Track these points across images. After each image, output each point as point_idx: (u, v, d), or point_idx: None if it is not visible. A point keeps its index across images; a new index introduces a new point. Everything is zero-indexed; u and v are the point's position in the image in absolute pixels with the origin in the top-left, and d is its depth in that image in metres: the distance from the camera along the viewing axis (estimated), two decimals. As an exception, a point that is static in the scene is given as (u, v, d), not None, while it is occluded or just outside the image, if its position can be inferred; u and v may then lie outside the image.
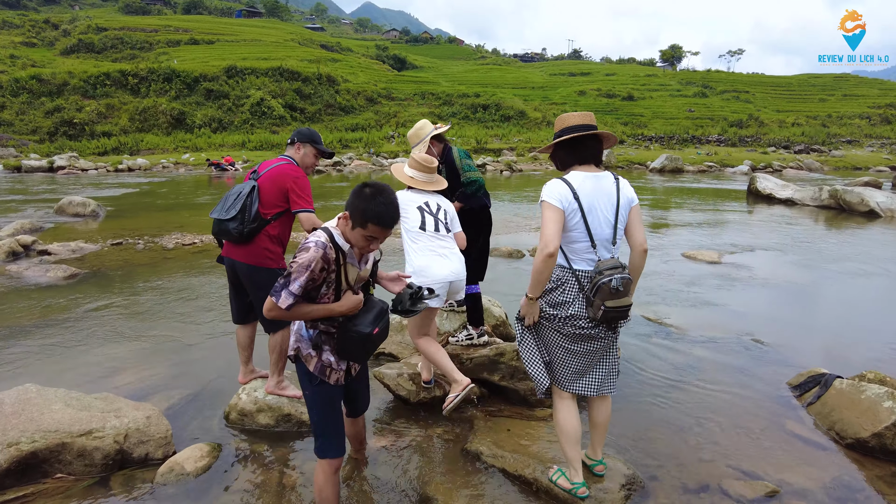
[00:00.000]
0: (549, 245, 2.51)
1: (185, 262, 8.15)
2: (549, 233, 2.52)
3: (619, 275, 2.52)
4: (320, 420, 2.53)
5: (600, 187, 2.62)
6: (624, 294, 2.54)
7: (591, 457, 3.06)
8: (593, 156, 2.69)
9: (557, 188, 2.59)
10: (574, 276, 2.63)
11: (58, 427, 3.11)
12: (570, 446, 2.79)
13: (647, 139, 48.64)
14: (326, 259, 2.27)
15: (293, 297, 2.22)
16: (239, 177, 26.02)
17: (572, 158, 2.70)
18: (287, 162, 3.61)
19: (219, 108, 49.85)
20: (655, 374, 4.57)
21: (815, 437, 3.61)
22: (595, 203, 2.59)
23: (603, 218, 2.61)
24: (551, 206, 2.56)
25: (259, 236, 3.50)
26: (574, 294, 2.63)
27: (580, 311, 2.63)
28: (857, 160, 36.19)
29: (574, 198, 2.56)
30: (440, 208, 3.62)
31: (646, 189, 21.08)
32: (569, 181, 2.60)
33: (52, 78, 47.00)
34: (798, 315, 6.06)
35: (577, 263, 2.64)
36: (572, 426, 2.79)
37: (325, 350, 2.47)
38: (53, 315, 5.76)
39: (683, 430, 3.72)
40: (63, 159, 28.91)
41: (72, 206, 12.54)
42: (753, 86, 77.65)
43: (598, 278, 2.52)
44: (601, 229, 2.61)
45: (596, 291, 2.52)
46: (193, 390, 4.17)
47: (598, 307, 2.53)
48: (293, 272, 2.21)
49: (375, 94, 58.78)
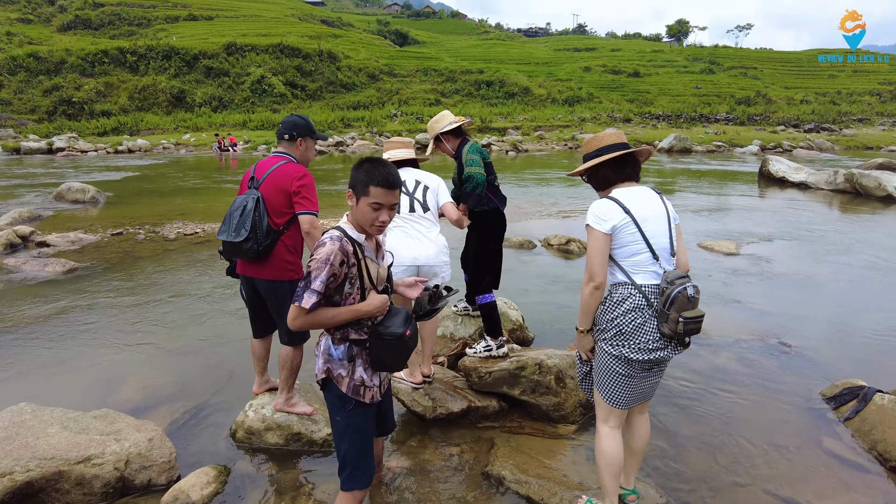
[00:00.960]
0: (595, 277, 2.43)
1: (187, 255, 7.94)
2: (595, 263, 2.43)
3: (690, 283, 2.41)
4: (351, 449, 2.37)
5: (649, 199, 2.52)
6: (698, 303, 2.42)
7: (623, 486, 2.84)
8: (635, 172, 2.61)
9: (604, 207, 2.45)
10: (639, 291, 2.44)
11: (54, 454, 2.92)
12: (611, 478, 2.60)
13: (654, 117, 47.90)
14: (344, 251, 2.18)
15: (316, 296, 2.12)
16: (241, 159, 25.70)
17: (617, 176, 2.58)
18: (287, 161, 3.33)
19: (219, 87, 49.22)
20: (680, 381, 4.36)
21: (855, 458, 3.41)
22: (648, 214, 2.47)
23: (659, 228, 2.49)
24: (597, 232, 2.44)
25: (276, 249, 3.26)
26: (645, 315, 2.43)
27: (652, 334, 2.43)
28: (868, 139, 35.57)
29: (625, 212, 2.43)
30: (419, 185, 3.60)
31: (655, 172, 20.72)
32: (615, 198, 2.48)
33: (49, 56, 46.33)
34: (826, 315, 5.82)
35: (640, 277, 2.46)
36: (617, 456, 2.60)
37: (358, 365, 2.33)
38: (50, 317, 5.56)
39: (714, 448, 3.52)
40: (62, 140, 28.56)
41: (71, 193, 12.30)
42: (761, 62, 76.33)
43: (670, 289, 2.37)
44: (659, 239, 2.48)
45: (671, 303, 2.36)
46: (198, 403, 3.98)
47: (675, 320, 2.36)
48: (312, 270, 2.13)
49: (377, 71, 57.94)
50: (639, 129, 39.86)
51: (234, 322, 5.37)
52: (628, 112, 49.74)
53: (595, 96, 58.63)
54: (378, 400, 2.42)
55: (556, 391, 3.72)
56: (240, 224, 3.16)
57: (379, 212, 2.20)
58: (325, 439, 3.43)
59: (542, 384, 3.70)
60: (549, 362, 3.75)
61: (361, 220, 2.24)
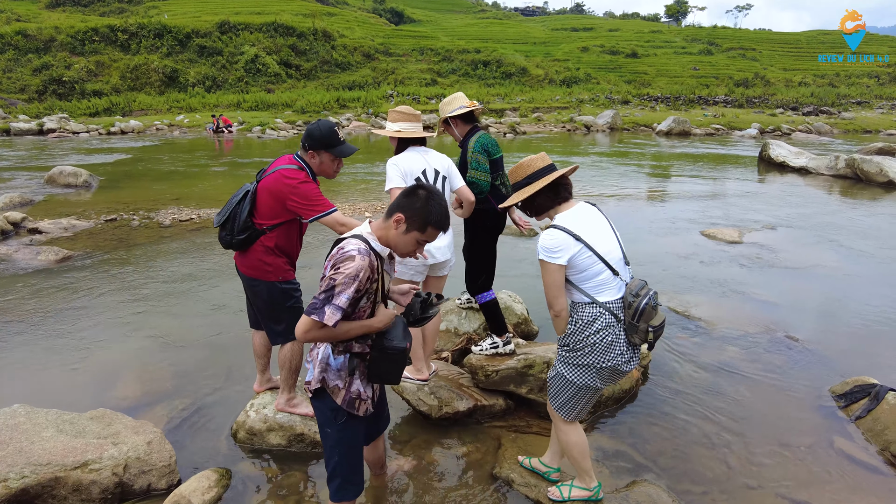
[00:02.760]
0: (555, 306, 2.54)
1: (182, 242, 7.79)
2: (553, 295, 2.52)
3: (651, 292, 2.50)
4: (341, 461, 2.33)
5: (591, 218, 2.57)
6: (658, 308, 2.54)
7: (549, 464, 3.05)
8: (568, 191, 2.63)
9: (556, 241, 2.47)
10: (606, 309, 2.49)
11: (50, 459, 2.82)
12: (586, 459, 2.80)
13: (652, 99, 47.48)
14: (372, 267, 2.11)
15: (340, 313, 2.02)
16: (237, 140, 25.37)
17: (554, 201, 2.60)
18: (290, 163, 3.07)
19: (212, 66, 48.40)
20: (687, 377, 4.30)
21: (868, 459, 3.35)
22: (596, 233, 2.52)
23: (609, 244, 2.54)
24: (552, 266, 2.48)
25: (254, 247, 3.12)
26: (615, 331, 2.50)
27: (622, 349, 2.53)
28: (867, 123, 35.36)
29: (576, 239, 2.46)
30: (437, 175, 3.46)
31: (654, 155, 20.56)
32: (562, 227, 2.49)
33: (38, 33, 45.37)
34: (832, 307, 5.75)
35: (603, 296, 2.50)
36: (585, 441, 2.82)
37: (356, 377, 2.27)
38: (43, 309, 5.43)
39: (724, 448, 3.47)
40: (53, 121, 28.05)
41: (63, 177, 12.06)
42: (760, 43, 75.59)
43: (637, 301, 2.45)
44: (612, 254, 2.53)
45: (640, 316, 2.44)
46: (197, 401, 3.88)
47: (644, 331, 2.48)
48: (338, 284, 2.02)
49: (373, 50, 57.10)
50: (637, 112, 39.54)
51: (234, 314, 5.26)
52: (626, 94, 49.27)
53: (593, 77, 58.05)
54: (371, 412, 2.38)
55: (564, 389, 3.64)
56: (223, 212, 3.14)
57: (420, 247, 2.22)
58: (329, 440, 3.35)
59: (550, 383, 3.62)
60: (557, 360, 3.67)
61: (399, 245, 2.19)
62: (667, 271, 6.74)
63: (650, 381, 4.22)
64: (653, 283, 2.39)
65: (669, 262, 7.13)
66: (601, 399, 3.76)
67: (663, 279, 6.44)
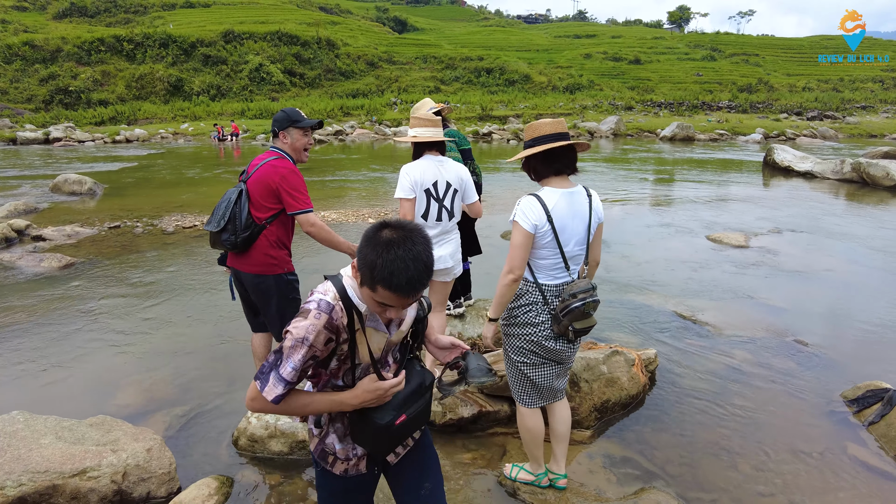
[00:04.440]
0: (514, 270, 2.50)
1: (185, 249, 7.78)
2: (516, 257, 2.49)
3: (591, 298, 2.50)
4: None
5: (574, 206, 2.55)
6: (591, 315, 2.56)
7: (555, 471, 2.99)
8: (568, 165, 2.60)
9: (531, 209, 2.49)
10: (538, 288, 2.58)
11: (48, 467, 2.78)
12: (538, 448, 2.87)
13: (655, 105, 47.53)
14: (332, 326, 1.57)
15: (284, 386, 1.55)
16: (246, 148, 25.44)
17: (549, 170, 2.58)
18: (278, 157, 3.28)
19: (217, 75, 48.76)
20: (695, 383, 4.23)
21: (883, 466, 3.27)
22: (568, 223, 2.52)
23: (575, 237, 2.56)
24: (523, 230, 2.48)
25: (258, 243, 3.22)
26: (538, 310, 2.59)
27: (545, 329, 2.60)
28: (872, 127, 35.27)
29: (548, 219, 2.47)
30: (449, 188, 3.44)
31: (658, 160, 20.51)
32: (543, 201, 2.49)
33: (45, 44, 45.82)
34: (841, 311, 5.68)
35: (543, 278, 2.59)
36: (540, 430, 2.86)
37: (330, 432, 1.79)
38: (45, 315, 5.41)
39: (734, 454, 3.39)
40: (59, 130, 28.27)
41: (67, 185, 12.11)
42: (763, 48, 75.66)
43: (570, 301, 2.48)
44: (573, 248, 2.56)
45: (567, 313, 2.49)
46: (198, 407, 3.84)
47: (565, 327, 2.52)
48: (284, 349, 1.55)
49: (376, 58, 57.41)
50: (640, 118, 39.54)
51: (235, 321, 5.22)
52: (630, 100, 49.33)
53: (596, 84, 58.16)
54: (362, 473, 1.84)
55: (570, 395, 3.59)
56: (221, 216, 3.16)
57: (387, 310, 1.57)
58: (331, 447, 3.30)
59: (556, 388, 3.56)
60: (563, 365, 3.61)
61: (364, 301, 1.60)
62: (673, 276, 6.68)
63: (657, 387, 4.16)
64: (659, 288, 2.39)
65: (676, 266, 7.07)
66: (608, 405, 3.70)
67: (670, 284, 6.38)
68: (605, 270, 6.89)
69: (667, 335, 5.03)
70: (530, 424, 2.83)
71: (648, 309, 5.63)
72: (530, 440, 2.86)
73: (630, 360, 3.95)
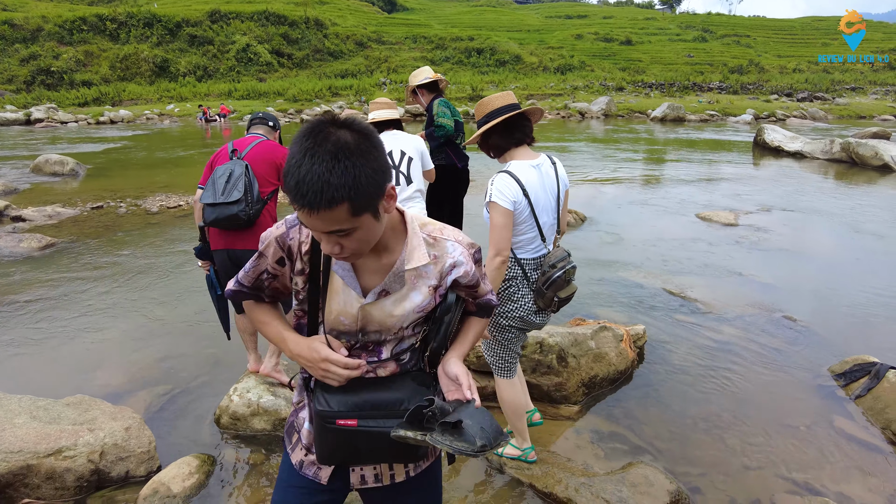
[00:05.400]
0: (501, 252, 2.46)
1: (169, 229, 7.64)
2: (501, 238, 2.45)
3: (569, 265, 2.56)
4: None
5: (543, 177, 2.56)
6: (572, 281, 2.61)
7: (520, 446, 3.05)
8: (527, 134, 2.59)
9: (508, 187, 2.45)
10: (519, 265, 2.59)
11: (21, 447, 2.70)
12: (519, 419, 2.87)
13: (646, 86, 47.34)
14: (284, 244, 1.35)
15: (235, 284, 1.46)
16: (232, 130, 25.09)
17: (508, 142, 2.56)
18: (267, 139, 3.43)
19: (203, 55, 47.92)
20: (684, 359, 4.21)
21: (869, 438, 3.27)
22: (541, 195, 2.54)
23: (548, 208, 2.58)
24: (502, 209, 2.44)
25: (262, 218, 3.24)
26: (520, 285, 2.59)
27: (528, 304, 2.61)
28: (861, 108, 35.35)
29: (524, 194, 2.46)
30: (404, 156, 3.72)
31: (648, 140, 20.45)
32: (516, 176, 2.46)
33: (25, 23, 44.74)
34: (830, 288, 5.67)
35: (522, 253, 2.59)
36: (520, 401, 2.86)
37: (306, 406, 1.49)
38: (24, 296, 5.29)
39: (722, 429, 3.38)
40: (41, 111, 27.73)
41: (49, 165, 11.86)
42: (755, 29, 75.35)
43: (551, 272, 2.52)
44: (547, 219, 2.58)
45: (550, 284, 2.52)
46: (180, 386, 3.77)
47: (550, 298, 2.54)
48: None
49: (365, 38, 56.63)
50: (631, 98, 39.39)
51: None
52: (621, 80, 49.09)
53: (587, 64, 57.78)
54: (318, 481, 1.45)
55: (558, 371, 3.55)
56: (231, 187, 3.07)
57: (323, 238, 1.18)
58: (315, 425, 3.24)
59: (543, 364, 3.53)
60: (551, 341, 3.57)
61: None
62: (663, 254, 6.65)
63: (646, 363, 4.13)
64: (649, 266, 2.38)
65: (665, 244, 7.04)
66: (596, 380, 3.67)
67: (659, 261, 6.35)
68: (594, 248, 6.85)
69: (656, 312, 5.01)
70: (510, 396, 2.82)
71: (638, 286, 5.59)
72: (512, 413, 2.85)
73: (618, 335, 3.92)
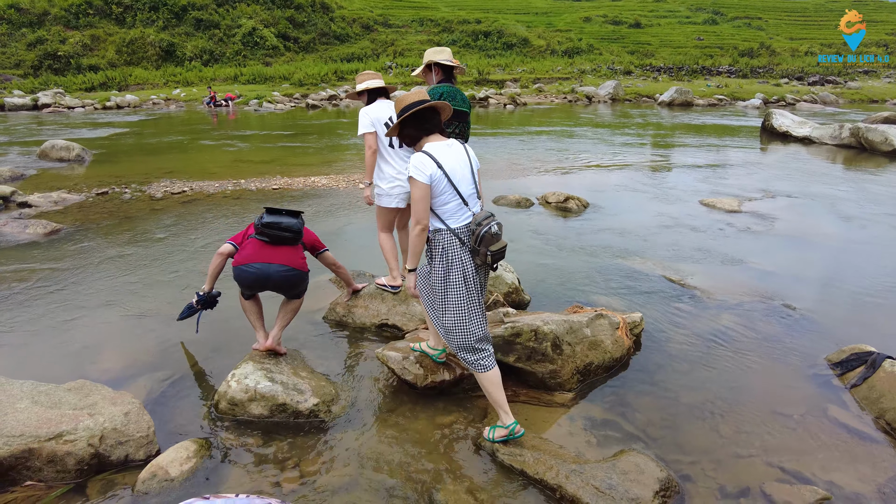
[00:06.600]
0: (421, 221, 2.90)
1: (173, 215, 7.69)
2: (420, 210, 2.88)
3: (494, 222, 2.91)
4: None
5: (456, 154, 2.97)
6: (500, 237, 2.95)
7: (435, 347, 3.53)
8: (436, 125, 3.00)
9: (423, 163, 2.86)
10: (453, 234, 2.94)
11: (23, 431, 2.77)
12: (500, 392, 3.03)
13: (654, 70, 46.74)
14: None
15: None
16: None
17: (420, 132, 2.98)
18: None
19: (209, 39, 47.66)
20: (681, 346, 4.22)
21: (863, 427, 3.28)
22: (456, 168, 2.93)
23: (465, 179, 2.97)
24: (420, 183, 2.84)
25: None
26: (458, 250, 2.94)
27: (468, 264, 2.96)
28: (874, 92, 34.79)
29: (438, 167, 2.86)
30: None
31: (655, 125, 20.27)
32: (431, 154, 2.88)
33: (31, 7, 44.57)
34: (831, 276, 5.64)
35: (453, 221, 2.95)
36: (499, 377, 3.04)
37: None
38: (28, 280, 5.35)
39: (716, 417, 3.40)
40: (48, 96, 27.73)
41: (55, 151, 11.91)
42: (766, 11, 74.00)
43: (479, 229, 2.88)
44: (465, 186, 2.96)
45: (480, 241, 2.88)
46: (180, 372, 3.83)
47: (484, 254, 2.89)
48: None
49: (372, 21, 56.12)
50: (639, 82, 38.92)
51: (222, 288, 5.17)
52: (629, 64, 48.49)
53: (595, 48, 57.05)
54: None
55: (553, 358, 3.57)
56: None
57: None
58: (311, 410, 3.29)
59: (538, 351, 3.55)
60: (546, 329, 3.59)
61: None
62: (664, 240, 6.63)
63: (643, 350, 4.15)
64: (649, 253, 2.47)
65: (667, 231, 7.01)
66: (590, 368, 3.69)
67: (660, 248, 6.33)
68: (596, 235, 6.84)
69: (655, 299, 5.01)
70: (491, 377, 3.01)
71: (638, 273, 5.59)
72: (494, 390, 3.01)
73: (614, 323, 3.93)
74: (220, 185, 9.37)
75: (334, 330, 4.45)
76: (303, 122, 21.19)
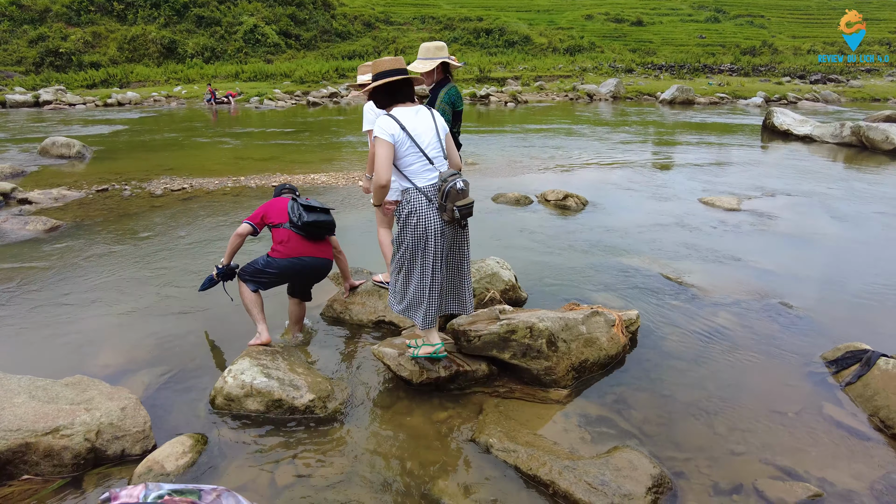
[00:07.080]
0: (381, 178, 3.03)
1: (172, 212, 7.70)
2: (382, 167, 3.01)
3: (460, 179, 3.04)
4: None
5: (420, 118, 3.13)
6: (467, 194, 3.06)
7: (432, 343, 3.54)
8: (407, 95, 3.15)
9: (387, 123, 3.01)
10: (421, 192, 3.10)
11: (20, 425, 2.78)
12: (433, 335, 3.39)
13: (656, 68, 46.66)
14: None
15: None
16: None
17: (390, 100, 3.13)
18: None
19: (211, 37, 47.64)
20: (677, 345, 4.22)
21: (856, 425, 3.29)
22: (420, 129, 3.09)
23: (432, 142, 3.12)
24: (383, 141, 2.98)
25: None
26: (426, 208, 3.09)
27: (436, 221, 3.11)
28: (876, 91, 34.72)
29: (402, 128, 3.02)
30: None
31: (656, 123, 20.24)
32: (395, 116, 3.05)
33: (33, 4, 44.58)
34: (829, 275, 5.64)
35: (420, 180, 3.12)
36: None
37: None
38: (27, 277, 5.38)
39: (710, 414, 3.40)
40: (49, 93, 27.78)
41: (56, 148, 11.93)
42: (769, 9, 73.76)
43: (445, 185, 3.00)
44: (431, 148, 3.11)
45: (446, 197, 3.00)
46: (178, 368, 3.84)
47: (450, 210, 3.01)
48: None
49: (373, 19, 56.07)
50: (641, 80, 38.86)
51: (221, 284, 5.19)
52: (630, 62, 48.41)
53: (597, 46, 56.94)
54: None
55: (548, 355, 3.58)
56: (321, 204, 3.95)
57: None
58: (307, 406, 3.31)
59: (533, 348, 3.56)
60: (541, 325, 3.60)
61: None
62: (662, 238, 6.63)
63: (639, 348, 4.16)
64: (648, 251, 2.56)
65: (665, 229, 7.02)
66: (586, 365, 3.70)
67: (658, 246, 6.34)
68: (594, 233, 6.85)
69: (652, 297, 5.01)
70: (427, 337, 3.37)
71: (635, 271, 5.60)
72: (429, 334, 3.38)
73: (610, 320, 3.94)
74: (220, 182, 9.39)
75: (331, 326, 4.47)
76: (303, 120, 21.20)
